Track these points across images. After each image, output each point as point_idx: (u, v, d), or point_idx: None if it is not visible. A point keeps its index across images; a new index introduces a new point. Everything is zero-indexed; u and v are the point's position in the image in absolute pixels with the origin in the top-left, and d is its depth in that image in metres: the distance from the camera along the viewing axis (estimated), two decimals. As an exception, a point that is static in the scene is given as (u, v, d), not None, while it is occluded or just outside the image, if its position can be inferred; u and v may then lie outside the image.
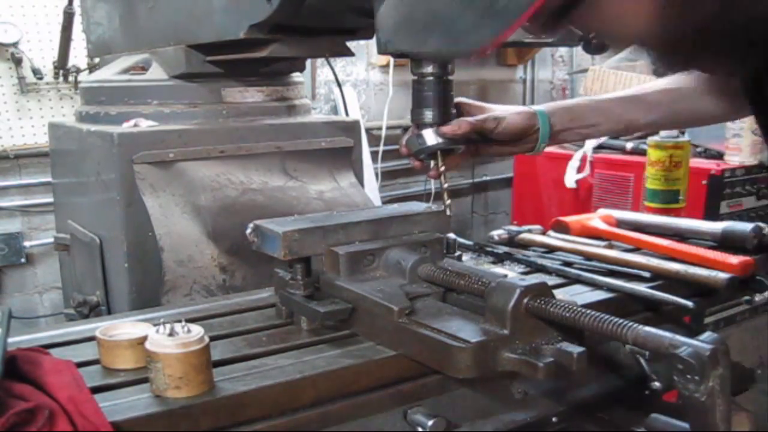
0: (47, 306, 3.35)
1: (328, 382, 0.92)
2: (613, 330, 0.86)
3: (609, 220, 1.57)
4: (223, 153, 1.67)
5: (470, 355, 0.89)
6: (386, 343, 1.00)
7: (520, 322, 0.92)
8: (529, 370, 0.88)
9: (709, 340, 0.82)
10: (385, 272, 1.09)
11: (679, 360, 0.80)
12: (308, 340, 1.03)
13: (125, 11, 1.86)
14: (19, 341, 1.00)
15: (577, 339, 0.94)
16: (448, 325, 0.94)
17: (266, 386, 0.88)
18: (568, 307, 0.90)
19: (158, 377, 0.84)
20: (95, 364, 0.95)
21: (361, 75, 4.07)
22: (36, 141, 3.15)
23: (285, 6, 1.32)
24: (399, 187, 4.30)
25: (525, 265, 1.40)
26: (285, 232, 1.05)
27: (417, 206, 1.21)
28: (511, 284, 0.94)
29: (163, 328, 0.86)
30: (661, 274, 1.30)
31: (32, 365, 0.85)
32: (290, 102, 1.87)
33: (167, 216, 1.55)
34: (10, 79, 3.12)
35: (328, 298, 1.06)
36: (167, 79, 1.74)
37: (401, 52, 1.08)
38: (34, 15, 3.11)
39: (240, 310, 1.18)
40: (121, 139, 1.57)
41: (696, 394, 0.80)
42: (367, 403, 0.94)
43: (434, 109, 1.15)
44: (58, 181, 2.14)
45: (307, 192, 1.73)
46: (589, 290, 1.25)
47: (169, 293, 1.49)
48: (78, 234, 1.85)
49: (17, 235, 3.19)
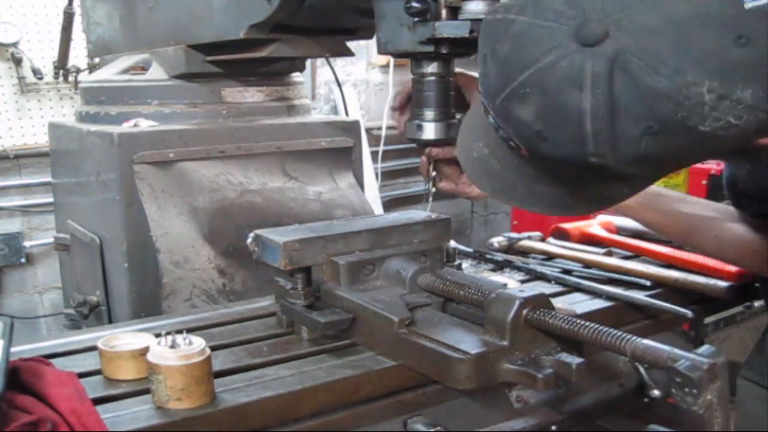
0: (47, 306, 3.35)
1: (328, 393, 0.93)
2: (611, 342, 0.87)
3: (609, 227, 1.58)
4: (222, 153, 1.67)
5: (470, 366, 0.90)
6: (386, 354, 1.00)
7: (519, 334, 0.92)
8: (528, 381, 0.89)
9: (707, 353, 0.83)
10: (385, 282, 1.09)
11: (677, 373, 0.81)
12: (309, 350, 1.04)
13: (125, 11, 1.86)
14: (21, 351, 1.01)
15: (576, 349, 0.95)
16: (447, 336, 0.95)
17: (267, 397, 0.89)
18: (567, 319, 0.90)
19: (160, 389, 0.84)
20: (97, 374, 0.95)
21: (361, 75, 4.07)
22: (36, 141, 3.15)
23: (285, 6, 1.32)
24: (399, 187, 4.29)
25: (525, 272, 1.40)
26: (285, 242, 1.05)
27: (417, 215, 1.22)
28: (511, 296, 0.94)
29: (164, 339, 0.86)
30: (661, 283, 1.31)
31: (35, 377, 0.85)
32: (290, 102, 1.87)
33: (164, 217, 1.55)
34: (10, 79, 3.12)
35: (329, 308, 1.06)
36: (167, 79, 1.74)
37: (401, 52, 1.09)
38: (34, 15, 3.11)
39: (241, 319, 1.19)
40: (121, 139, 1.57)
41: (694, 407, 0.81)
42: (367, 412, 0.94)
43: (435, 109, 1.16)
44: (58, 181, 2.14)
45: (305, 193, 1.73)
46: (589, 298, 1.26)
47: (170, 298, 1.50)
48: (78, 234, 1.85)
49: (17, 235, 3.20)
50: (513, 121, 0.78)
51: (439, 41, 1.06)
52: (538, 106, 0.74)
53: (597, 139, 0.71)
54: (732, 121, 0.67)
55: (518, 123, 0.77)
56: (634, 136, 0.69)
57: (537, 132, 0.75)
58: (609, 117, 0.69)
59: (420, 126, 1.16)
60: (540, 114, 0.74)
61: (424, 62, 1.14)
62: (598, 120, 0.69)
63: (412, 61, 1.16)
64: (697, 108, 0.66)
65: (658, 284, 1.31)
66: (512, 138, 0.81)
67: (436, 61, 1.13)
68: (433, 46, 1.08)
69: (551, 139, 0.75)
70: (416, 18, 1.04)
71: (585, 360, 0.89)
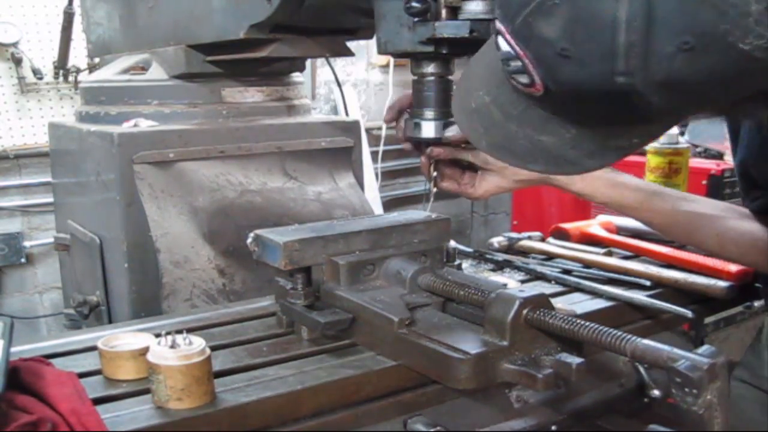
0: (47, 306, 3.35)
1: (328, 393, 0.93)
2: (611, 342, 0.87)
3: (609, 227, 1.58)
4: (222, 153, 1.67)
5: (470, 366, 0.90)
6: (386, 354, 1.00)
7: (519, 334, 0.92)
8: (528, 381, 0.89)
9: (707, 353, 0.82)
10: (385, 282, 1.09)
11: (677, 373, 0.81)
12: (309, 350, 1.04)
13: (125, 11, 1.86)
14: (21, 351, 1.01)
15: (576, 349, 0.95)
16: (447, 336, 0.95)
17: (267, 397, 0.89)
18: (567, 319, 0.90)
19: (160, 389, 0.84)
20: (97, 374, 0.95)
21: (361, 75, 4.07)
22: (36, 141, 3.16)
23: (285, 6, 1.32)
24: (399, 187, 4.29)
25: (525, 272, 1.40)
26: (286, 242, 1.05)
27: (417, 215, 1.22)
28: (511, 296, 0.94)
29: (164, 339, 0.86)
30: (661, 283, 1.31)
31: (35, 377, 0.85)
32: (290, 102, 1.87)
33: (164, 217, 1.55)
34: (10, 79, 3.12)
35: (329, 308, 1.06)
36: (167, 79, 1.74)
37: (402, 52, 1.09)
38: (34, 15, 3.11)
39: (241, 319, 1.19)
40: (121, 139, 1.57)
41: (694, 407, 0.81)
42: (367, 413, 0.94)
43: (434, 109, 1.16)
44: (58, 181, 2.14)
45: (305, 193, 1.74)
46: (589, 299, 1.26)
47: (170, 298, 1.50)
48: (78, 234, 1.85)
49: (17, 235, 3.20)
50: (534, 41, 0.72)
51: (439, 41, 1.06)
52: (566, 20, 0.69)
53: (629, 54, 0.66)
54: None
55: (540, 42, 0.72)
56: (668, 52, 0.65)
57: (561, 50, 0.70)
58: (645, 28, 0.64)
59: (418, 124, 1.16)
60: (567, 28, 0.69)
61: (424, 62, 1.14)
62: (632, 31, 0.65)
63: (412, 61, 1.16)
64: (742, 20, 0.62)
65: (658, 284, 1.31)
66: (527, 68, 0.75)
67: (436, 61, 1.13)
68: (433, 46, 1.08)
69: (576, 58, 0.69)
70: (416, 18, 1.04)
71: (585, 360, 0.89)
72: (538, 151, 0.82)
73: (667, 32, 0.64)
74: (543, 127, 0.80)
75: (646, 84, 0.67)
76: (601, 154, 0.80)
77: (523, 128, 0.82)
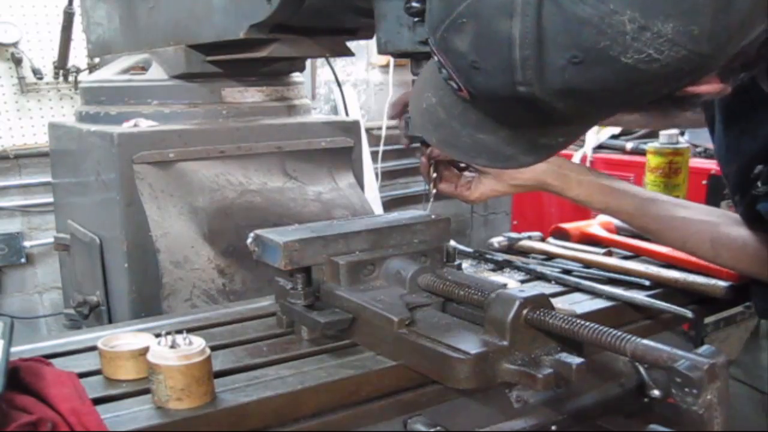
0: (47, 306, 3.35)
1: (328, 393, 0.93)
2: (611, 342, 0.87)
3: (609, 227, 1.58)
4: (222, 153, 1.67)
5: (470, 366, 0.89)
6: (386, 354, 1.00)
7: (519, 334, 0.92)
8: (528, 381, 0.89)
9: (707, 353, 0.83)
10: (385, 282, 1.09)
11: (677, 373, 0.81)
12: (309, 350, 1.04)
13: (125, 11, 1.86)
14: (21, 351, 1.01)
15: (576, 349, 0.95)
16: (447, 336, 0.95)
17: (267, 397, 0.89)
18: (567, 319, 0.90)
19: (160, 389, 0.84)
20: (97, 374, 0.95)
21: (361, 75, 4.07)
22: (36, 141, 3.16)
23: (285, 6, 1.32)
24: (399, 187, 4.29)
25: (525, 272, 1.40)
26: (286, 242, 1.05)
27: (417, 215, 1.22)
28: (511, 296, 0.94)
29: (164, 339, 0.86)
30: (661, 283, 1.31)
31: (35, 377, 0.85)
32: (290, 102, 1.87)
33: (164, 217, 1.55)
34: (10, 79, 3.12)
35: (329, 308, 1.06)
36: (167, 79, 1.74)
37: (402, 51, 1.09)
38: (34, 15, 3.11)
39: (241, 319, 1.19)
40: (121, 139, 1.57)
41: (694, 407, 0.81)
42: (367, 413, 0.94)
43: None
44: (58, 181, 2.15)
45: (305, 193, 1.74)
46: (589, 298, 1.26)
47: (170, 298, 1.50)
48: (78, 234, 1.85)
49: (17, 235, 3.20)
50: (451, 54, 0.79)
51: (439, 41, 1.06)
52: (473, 36, 0.75)
53: (525, 66, 0.72)
54: (653, 55, 0.67)
55: (455, 54, 0.78)
56: (560, 65, 0.70)
57: (472, 62, 0.76)
58: (536, 44, 0.70)
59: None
60: (474, 43, 0.75)
61: (424, 62, 1.14)
62: (525, 47, 0.71)
63: (412, 61, 1.16)
64: (619, 37, 0.67)
65: (658, 284, 1.31)
66: (452, 75, 0.81)
67: (436, 61, 1.13)
68: (433, 46, 1.08)
69: (484, 69, 0.76)
70: (416, 18, 1.04)
71: (585, 360, 0.89)
72: (479, 147, 0.87)
73: (557, 48, 0.70)
74: (481, 127, 0.86)
75: (545, 92, 0.73)
76: (534, 151, 0.86)
77: (465, 127, 0.87)
